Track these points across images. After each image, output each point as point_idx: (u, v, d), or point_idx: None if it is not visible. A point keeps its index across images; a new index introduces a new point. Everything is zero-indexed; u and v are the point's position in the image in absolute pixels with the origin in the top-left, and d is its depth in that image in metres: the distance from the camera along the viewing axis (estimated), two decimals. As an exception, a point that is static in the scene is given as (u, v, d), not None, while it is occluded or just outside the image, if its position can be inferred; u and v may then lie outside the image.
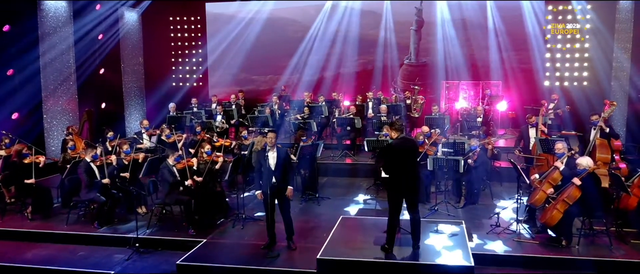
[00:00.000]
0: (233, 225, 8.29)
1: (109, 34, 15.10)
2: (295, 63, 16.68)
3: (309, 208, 9.32)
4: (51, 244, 8.05)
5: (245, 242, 7.65)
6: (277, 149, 7.19)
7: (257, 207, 9.26)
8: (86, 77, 14.12)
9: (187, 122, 12.96)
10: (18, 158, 8.91)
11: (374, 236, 7.41)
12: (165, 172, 8.10)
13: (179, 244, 7.71)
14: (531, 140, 10.09)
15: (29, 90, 12.54)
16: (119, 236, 8.01)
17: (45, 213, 8.90)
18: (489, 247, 7.32)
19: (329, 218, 8.68)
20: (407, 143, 6.82)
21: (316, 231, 8.04)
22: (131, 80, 16.61)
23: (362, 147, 13.01)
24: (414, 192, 6.81)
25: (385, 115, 12.72)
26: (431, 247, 7.04)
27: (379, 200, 9.84)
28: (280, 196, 7.15)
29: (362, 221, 8.43)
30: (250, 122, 12.84)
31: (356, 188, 10.80)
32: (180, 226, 8.17)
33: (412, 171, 6.74)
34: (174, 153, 8.31)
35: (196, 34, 17.69)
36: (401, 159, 6.70)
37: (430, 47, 16.35)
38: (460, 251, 6.84)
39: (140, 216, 8.69)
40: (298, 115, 13.39)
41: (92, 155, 8.49)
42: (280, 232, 7.34)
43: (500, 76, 15.49)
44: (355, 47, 16.70)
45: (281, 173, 7.11)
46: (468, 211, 8.93)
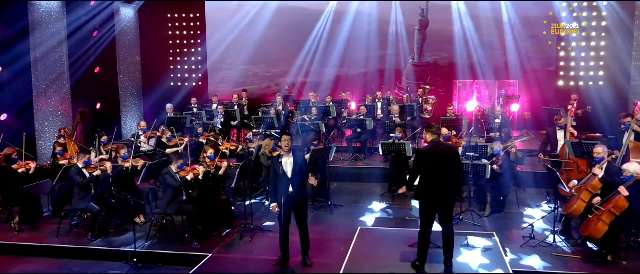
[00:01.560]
0: (240, 237, 7.56)
1: (104, 31, 14.35)
2: (301, 62, 15.92)
3: (322, 217, 8.59)
4: (40, 259, 7.31)
5: (255, 257, 6.91)
6: (294, 154, 6.44)
7: (265, 216, 8.56)
8: (80, 76, 13.37)
9: (187, 124, 12.20)
10: (6, 163, 8.14)
11: (399, 251, 6.70)
12: (167, 178, 7.34)
13: (182, 259, 6.99)
14: (559, 142, 9.40)
15: (18, 89, 11.77)
16: (115, 249, 7.26)
17: (33, 223, 8.14)
18: (526, 262, 6.61)
19: (344, 228, 7.97)
20: (442, 148, 6.10)
21: (332, 244, 7.31)
22: (127, 79, 15.84)
23: (372, 150, 12.38)
24: (449, 203, 6.09)
25: (398, 116, 12.00)
26: (465, 265, 6.33)
27: (395, 207, 9.15)
28: (297, 207, 6.41)
29: (383, 233, 7.70)
30: (255, 123, 12.08)
31: (369, 194, 10.07)
32: (182, 238, 7.44)
33: (447, 179, 6.01)
34: (177, 159, 7.55)
35: (195, 32, 16.93)
36: (434, 165, 5.98)
37: (443, 45, 15.61)
38: (500, 270, 6.13)
39: (138, 227, 7.98)
40: (305, 116, 12.67)
41: (84, 161, 7.74)
42: (294, 245, 6.60)
43: (516, 75, 14.78)
44: (363, 46, 15.94)
45: (299, 181, 6.37)
46: (495, 221, 8.23)
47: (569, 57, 15.07)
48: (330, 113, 12.79)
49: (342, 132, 13.37)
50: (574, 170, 8.56)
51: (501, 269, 6.16)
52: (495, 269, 6.18)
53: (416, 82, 15.57)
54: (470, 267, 6.26)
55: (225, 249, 7.17)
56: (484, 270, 6.18)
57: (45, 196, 8.97)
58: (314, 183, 6.47)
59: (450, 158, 6.07)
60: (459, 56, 15.24)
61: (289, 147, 6.38)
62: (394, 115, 11.94)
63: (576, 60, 14.94)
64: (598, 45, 14.63)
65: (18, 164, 8.18)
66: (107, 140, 9.73)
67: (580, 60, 14.95)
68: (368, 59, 15.96)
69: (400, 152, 9.59)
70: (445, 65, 15.62)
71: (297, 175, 6.38)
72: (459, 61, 15.25)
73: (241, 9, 16.23)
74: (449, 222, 6.09)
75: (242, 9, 16.23)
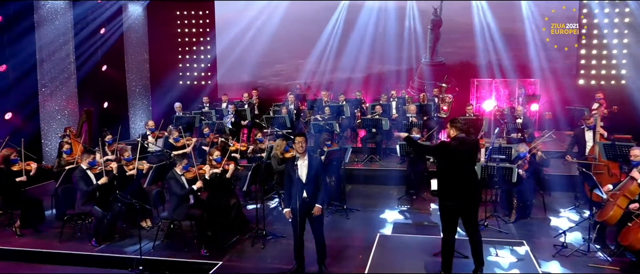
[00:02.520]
0: (252, 244, 7.12)
1: (111, 28, 14.01)
2: (313, 60, 15.48)
3: (337, 222, 8.14)
4: (41, 265, 6.94)
5: (268, 266, 6.48)
6: (309, 157, 5.99)
7: (277, 221, 8.12)
8: (87, 74, 13.04)
9: (196, 123, 11.80)
10: (5, 165, 7.76)
11: (423, 260, 6.24)
12: (172, 184, 6.93)
13: (190, 268, 6.58)
14: (588, 144, 8.89)
15: (24, 88, 11.45)
16: (119, 256, 6.86)
17: (35, 227, 7.76)
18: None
19: (362, 234, 7.52)
20: (466, 146, 5.61)
21: (350, 252, 6.85)
22: (136, 78, 15.48)
23: (388, 151, 11.91)
24: (473, 205, 5.62)
25: (414, 116, 11.52)
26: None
27: (414, 211, 8.68)
28: (312, 213, 5.96)
29: (404, 240, 7.22)
30: (266, 123, 11.65)
31: (386, 198, 9.60)
32: (190, 244, 7.02)
33: (470, 178, 5.54)
34: (182, 160, 7.13)
35: (205, 29, 16.56)
36: (458, 163, 5.52)
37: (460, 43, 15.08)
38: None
39: (144, 232, 7.57)
40: (318, 116, 12.22)
41: (88, 162, 7.35)
42: (309, 254, 6.16)
43: (537, 74, 14.24)
44: (376, 45, 15.45)
45: (314, 186, 5.92)
46: (522, 227, 7.73)
47: (590, 56, 14.53)
48: (344, 113, 12.34)
49: (356, 132, 12.93)
50: (604, 173, 8.07)
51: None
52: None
53: (431, 81, 15.05)
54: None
55: (237, 257, 6.74)
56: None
57: (49, 198, 8.59)
58: (316, 214, 5.99)
59: (473, 154, 5.62)
60: (476, 54, 14.73)
61: (304, 149, 5.93)
62: (411, 115, 11.45)
63: (598, 58, 14.41)
64: (620, 42, 14.07)
65: (18, 165, 7.80)
66: (111, 139, 9.36)
67: (601, 59, 14.42)
68: (382, 58, 15.48)
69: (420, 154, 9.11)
70: (461, 64, 15.08)
71: (313, 180, 5.93)
72: (476, 59, 14.74)
73: (251, 6, 15.81)
74: (475, 226, 5.62)
75: (253, 6, 15.81)
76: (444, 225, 5.71)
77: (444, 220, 5.69)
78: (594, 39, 14.53)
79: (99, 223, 7.18)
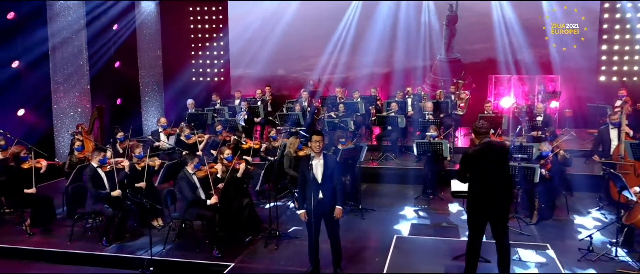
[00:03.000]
0: (265, 245, 6.94)
1: (124, 24, 13.90)
2: (327, 56, 15.22)
3: (353, 223, 7.91)
4: (51, 265, 6.81)
5: (282, 268, 6.29)
6: (324, 156, 5.78)
7: (290, 221, 7.92)
8: (100, 71, 12.93)
9: (208, 120, 11.63)
10: (15, 163, 7.65)
11: (443, 264, 6.01)
12: (183, 184, 6.75)
13: (202, 269, 6.41)
14: (613, 142, 8.56)
15: (37, 84, 11.38)
16: (130, 256, 6.72)
17: (46, 226, 7.65)
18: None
19: (378, 236, 7.31)
20: (493, 149, 5.36)
21: (366, 254, 6.64)
22: (148, 74, 15.37)
23: (403, 149, 11.66)
24: (503, 212, 5.36)
25: (431, 113, 11.23)
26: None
27: (431, 212, 8.43)
28: (328, 215, 5.75)
29: (422, 242, 6.97)
30: (279, 120, 11.44)
31: (402, 197, 9.36)
32: (202, 244, 6.84)
33: (501, 182, 5.29)
34: (193, 158, 6.96)
35: (218, 25, 16.39)
36: (486, 168, 5.27)
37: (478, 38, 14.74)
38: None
39: (156, 231, 7.43)
40: (332, 113, 12.00)
41: (99, 160, 7.20)
42: (324, 256, 5.95)
43: (558, 70, 13.86)
44: (391, 41, 15.14)
45: (330, 186, 5.71)
46: (544, 229, 7.45)
47: (611, 52, 14.13)
48: (358, 110, 12.10)
49: (371, 129, 12.69)
50: (630, 174, 7.73)
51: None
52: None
53: (447, 78, 14.72)
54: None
55: (249, 259, 6.56)
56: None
57: (60, 196, 8.49)
58: (338, 217, 5.76)
59: (503, 158, 5.36)
60: (494, 50, 14.37)
61: (320, 148, 5.72)
62: (428, 112, 11.17)
63: (619, 54, 14.02)
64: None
65: (28, 163, 7.68)
66: (123, 137, 9.21)
67: (623, 55, 14.02)
68: (397, 54, 15.18)
69: (437, 152, 8.86)
70: (478, 60, 14.74)
71: (328, 180, 5.71)
72: (494, 55, 14.38)
73: (264, 2, 15.59)
74: (504, 233, 5.36)
75: (266, 2, 15.58)
76: (470, 228, 5.46)
77: (471, 223, 5.45)
78: (615, 35, 14.11)
79: (109, 222, 7.05)
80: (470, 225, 5.46)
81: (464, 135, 13.09)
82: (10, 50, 10.65)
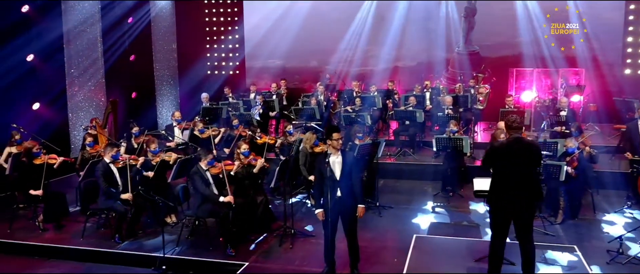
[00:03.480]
0: (280, 243, 6.75)
1: (139, 17, 13.78)
2: (344, 49, 14.94)
3: (370, 221, 7.69)
4: (63, 262, 6.71)
5: (297, 268, 6.10)
6: (342, 153, 5.56)
7: (306, 218, 7.73)
8: (115, 64, 12.84)
9: (223, 115, 11.48)
10: (27, 158, 7.57)
11: (464, 266, 5.78)
12: (196, 179, 6.59)
13: (215, 268, 6.26)
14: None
15: (51, 78, 11.32)
16: (143, 254, 6.59)
17: (59, 222, 7.56)
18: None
19: (396, 235, 7.08)
20: (523, 146, 5.07)
21: (384, 254, 6.42)
22: (163, 67, 15.26)
23: (422, 144, 11.40)
24: (528, 211, 5.09)
25: (450, 107, 10.94)
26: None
27: (451, 210, 8.17)
28: (345, 213, 5.54)
29: (443, 242, 6.72)
30: (295, 114, 11.22)
31: (420, 194, 9.12)
32: (216, 242, 6.68)
33: (527, 183, 5.02)
34: (207, 155, 6.79)
35: (233, 18, 16.19)
36: (513, 165, 5.00)
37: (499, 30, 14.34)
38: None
39: (169, 228, 7.31)
40: (348, 107, 11.76)
41: (111, 155, 7.08)
42: (340, 255, 5.74)
43: (583, 63, 13.43)
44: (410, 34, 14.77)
45: (348, 184, 5.49)
46: (569, 229, 7.15)
47: (637, 44, 13.64)
48: (375, 104, 11.85)
49: (387, 123, 12.43)
50: (660, 171, 7.39)
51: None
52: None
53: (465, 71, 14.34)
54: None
55: (263, 258, 6.38)
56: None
57: (73, 191, 8.41)
58: (360, 216, 5.54)
59: (532, 157, 5.08)
60: (515, 42, 13.97)
61: (340, 146, 5.51)
62: (447, 106, 10.88)
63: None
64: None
65: (41, 158, 7.59)
66: (138, 131, 9.10)
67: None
68: (414, 47, 14.84)
69: (457, 148, 8.59)
70: (499, 52, 14.34)
71: (347, 177, 5.50)
72: (515, 47, 13.98)
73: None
74: (528, 235, 5.10)
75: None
76: (493, 228, 5.21)
77: (495, 224, 5.20)
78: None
79: (121, 219, 6.93)
80: (493, 225, 5.20)
81: (484, 130, 12.75)
82: (25, 44, 10.58)
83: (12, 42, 10.19)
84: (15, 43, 10.25)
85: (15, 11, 10.39)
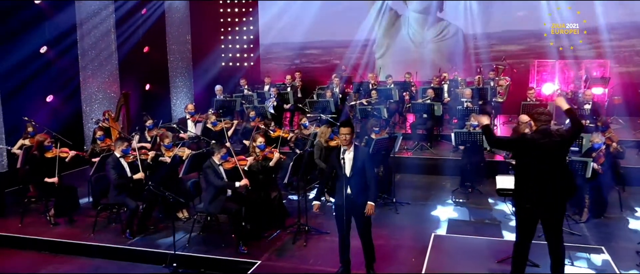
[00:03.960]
0: (293, 240, 6.57)
1: (152, 7, 13.64)
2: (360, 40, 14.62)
3: (386, 218, 7.47)
4: (73, 258, 6.64)
5: (311, 267, 5.91)
6: (355, 148, 5.33)
7: (321, 215, 7.39)
8: (128, 55, 12.72)
9: (237, 107, 11.31)
10: (39, 151, 7.47)
11: (486, 267, 5.53)
12: (209, 173, 6.42)
13: (227, 266, 6.11)
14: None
15: (65, 70, 11.24)
16: (153, 251, 6.46)
17: (70, 216, 7.46)
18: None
19: (413, 233, 6.84)
20: (552, 139, 4.77)
21: (401, 254, 6.20)
22: (177, 59, 15.12)
23: (439, 138, 11.12)
24: (558, 211, 4.80)
25: (470, 100, 10.62)
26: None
27: (471, 207, 7.90)
28: (356, 211, 5.32)
29: (462, 242, 6.45)
30: (309, 107, 10.99)
31: (439, 190, 8.86)
32: (228, 238, 6.51)
33: (557, 178, 4.72)
34: (220, 149, 6.61)
35: (247, 9, 15.98)
36: (540, 160, 4.72)
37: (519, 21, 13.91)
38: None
39: (180, 224, 7.17)
40: (363, 100, 11.51)
41: (122, 149, 6.94)
42: (356, 253, 5.52)
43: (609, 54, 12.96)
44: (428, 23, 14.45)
45: (359, 181, 5.26)
46: (596, 228, 6.84)
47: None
48: (392, 97, 11.56)
49: (405, 117, 12.15)
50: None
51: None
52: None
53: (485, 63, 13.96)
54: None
55: (277, 256, 6.20)
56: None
57: (85, 185, 8.31)
58: (369, 213, 5.29)
59: (561, 151, 4.78)
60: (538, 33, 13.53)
61: (348, 140, 5.26)
62: (466, 99, 10.57)
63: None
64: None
65: (52, 152, 7.48)
66: (152, 124, 8.97)
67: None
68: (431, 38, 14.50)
69: (477, 143, 8.30)
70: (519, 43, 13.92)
71: (357, 174, 5.25)
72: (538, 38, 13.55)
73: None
74: (558, 236, 4.81)
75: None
76: (519, 229, 4.92)
77: (520, 224, 4.90)
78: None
79: (132, 214, 6.79)
80: (519, 225, 4.92)
81: (503, 124, 12.40)
82: (38, 36, 10.50)
83: (26, 35, 10.12)
84: (28, 36, 10.18)
85: (28, 3, 10.29)
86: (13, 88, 9.83)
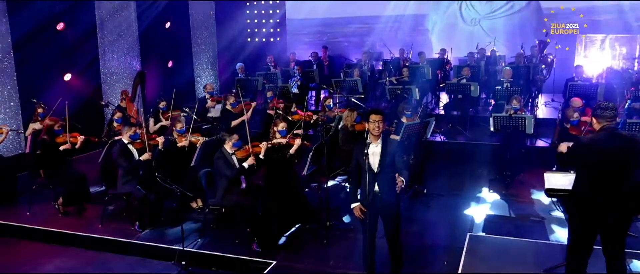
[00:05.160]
0: (314, 238, 6.00)
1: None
2: (390, 15, 13.76)
3: (416, 211, 6.81)
4: (80, 251, 6.23)
5: (331, 270, 5.33)
6: (384, 140, 4.66)
7: (344, 207, 6.84)
8: (148, 30, 12.21)
9: (259, 86, 10.72)
10: (49, 136, 7.07)
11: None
12: (220, 165, 5.88)
13: (239, 266, 5.60)
14: None
15: (83, 47, 10.83)
16: (163, 246, 6.00)
17: (80, 204, 7.09)
18: None
19: (446, 231, 6.18)
20: (619, 141, 4.02)
21: (432, 255, 5.57)
22: (201, 35, 14.54)
23: (476, 120, 10.30)
24: (622, 222, 4.07)
25: (509, 80, 9.74)
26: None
27: (511, 200, 7.15)
28: (385, 212, 4.69)
29: (503, 244, 5.67)
30: (335, 87, 10.28)
31: (474, 179, 8.12)
32: (242, 234, 5.98)
33: (622, 187, 3.98)
34: (231, 136, 6.05)
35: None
36: (604, 165, 3.99)
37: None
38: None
39: (194, 214, 6.70)
40: (393, 79, 10.71)
41: (130, 135, 6.46)
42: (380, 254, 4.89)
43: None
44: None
45: (389, 176, 4.59)
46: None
47: None
48: (425, 75, 10.75)
49: (438, 97, 11.35)
50: None
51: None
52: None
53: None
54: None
55: (294, 255, 5.66)
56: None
57: (96, 170, 7.88)
58: (400, 186, 4.58)
59: (633, 155, 4.00)
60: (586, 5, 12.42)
61: (379, 131, 4.60)
62: (506, 79, 9.69)
63: None
64: None
65: (63, 136, 7.08)
66: (165, 106, 8.48)
67: None
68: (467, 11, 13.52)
69: (519, 128, 7.50)
70: (563, 16, 12.80)
71: (388, 169, 4.60)
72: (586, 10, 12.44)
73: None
74: (619, 252, 4.10)
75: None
76: (575, 240, 4.22)
77: (577, 235, 4.20)
78: None
79: (141, 205, 6.34)
80: (574, 237, 4.20)
81: (546, 104, 11.47)
82: (54, 12, 10.08)
83: (41, 11, 9.70)
84: (43, 13, 9.76)
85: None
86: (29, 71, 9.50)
